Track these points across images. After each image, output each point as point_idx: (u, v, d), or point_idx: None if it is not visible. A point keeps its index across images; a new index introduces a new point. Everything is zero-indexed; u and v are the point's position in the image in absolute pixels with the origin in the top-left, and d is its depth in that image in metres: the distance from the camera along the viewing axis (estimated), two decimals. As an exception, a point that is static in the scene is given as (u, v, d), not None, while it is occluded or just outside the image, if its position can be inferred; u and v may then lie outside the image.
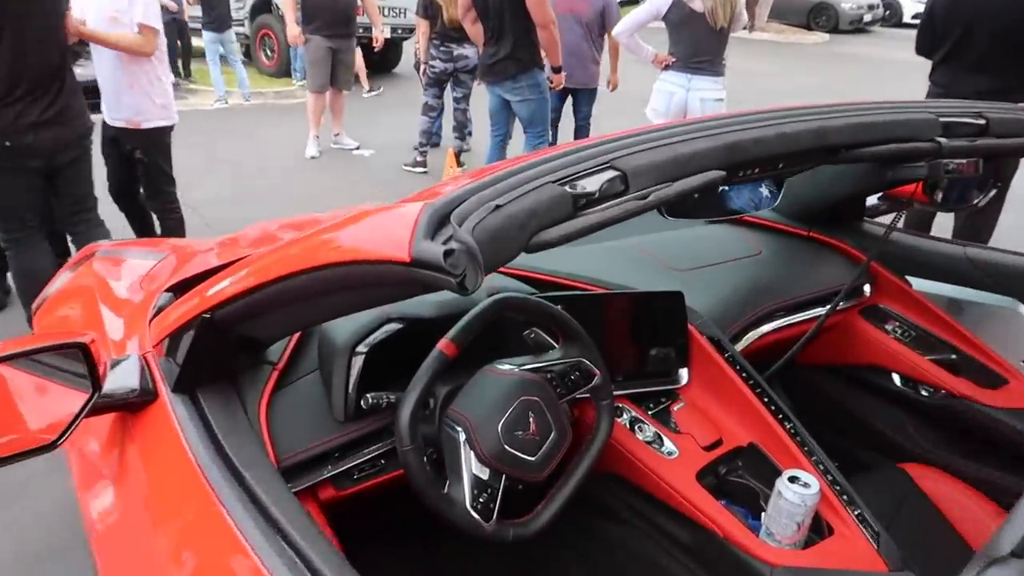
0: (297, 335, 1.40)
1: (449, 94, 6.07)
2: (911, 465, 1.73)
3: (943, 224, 3.92)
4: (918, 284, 1.90)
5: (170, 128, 3.69)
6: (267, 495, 1.01)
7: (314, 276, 0.94)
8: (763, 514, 1.36)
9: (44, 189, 3.06)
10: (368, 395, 1.27)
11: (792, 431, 1.45)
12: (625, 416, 1.54)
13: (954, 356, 1.84)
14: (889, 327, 1.94)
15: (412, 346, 1.31)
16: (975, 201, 1.96)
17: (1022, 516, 0.70)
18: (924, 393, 1.87)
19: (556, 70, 4.49)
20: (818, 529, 1.32)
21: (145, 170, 3.72)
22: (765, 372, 1.69)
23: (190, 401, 1.18)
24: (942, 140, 1.24)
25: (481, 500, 1.21)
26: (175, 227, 3.85)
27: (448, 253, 0.75)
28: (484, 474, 1.23)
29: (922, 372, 1.86)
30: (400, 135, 7.04)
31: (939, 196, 1.88)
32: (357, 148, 6.91)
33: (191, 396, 1.19)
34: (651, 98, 4.44)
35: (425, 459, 1.22)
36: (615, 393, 1.48)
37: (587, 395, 1.39)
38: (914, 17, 15.87)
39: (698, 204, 1.34)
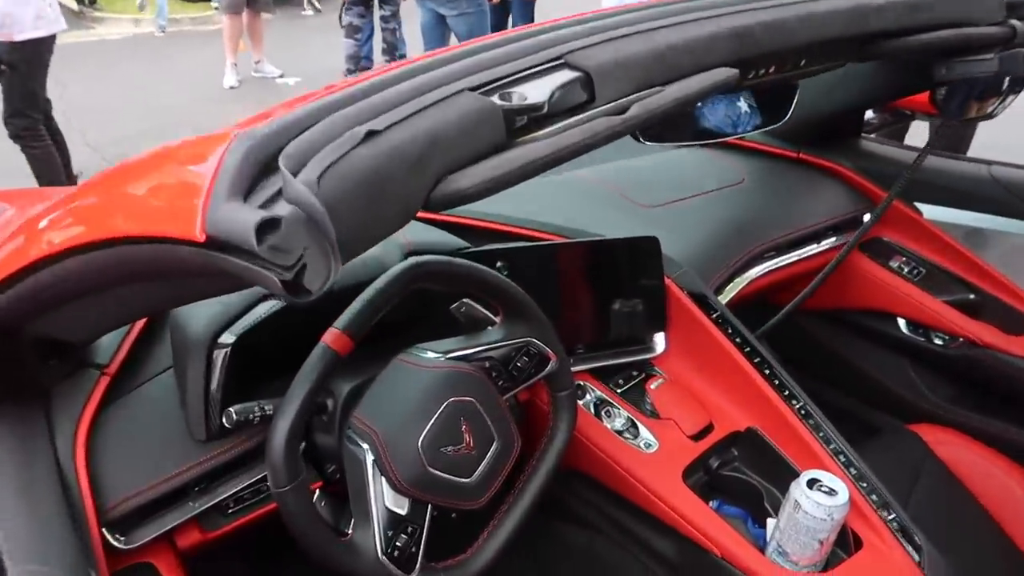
0: (140, 323, 1.02)
1: (377, 13, 5.49)
2: (924, 427, 1.45)
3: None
4: (931, 212, 1.58)
5: (49, 40, 3.16)
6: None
7: (78, 260, 0.56)
8: (770, 522, 1.06)
9: None
10: (232, 409, 0.90)
11: (802, 412, 1.14)
12: (589, 397, 1.21)
13: (973, 296, 1.54)
14: (895, 264, 1.63)
15: (301, 331, 0.94)
16: (991, 110, 1.64)
17: None
18: (938, 341, 1.57)
19: None
20: (843, 541, 1.03)
21: (8, 83, 3.20)
22: (757, 330, 1.38)
23: None
24: (1016, 23, 0.90)
25: (398, 544, 0.88)
26: (40, 161, 3.35)
27: (267, 226, 0.40)
28: (402, 508, 0.89)
29: (935, 316, 1.56)
30: (332, 61, 6.45)
31: (952, 105, 1.56)
32: (281, 76, 6.30)
33: None
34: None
35: (318, 493, 0.88)
36: (575, 369, 1.15)
37: (541, 385, 1.04)
38: None
39: (669, 124, 0.99)
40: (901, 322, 1.64)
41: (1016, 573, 1.25)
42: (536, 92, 0.55)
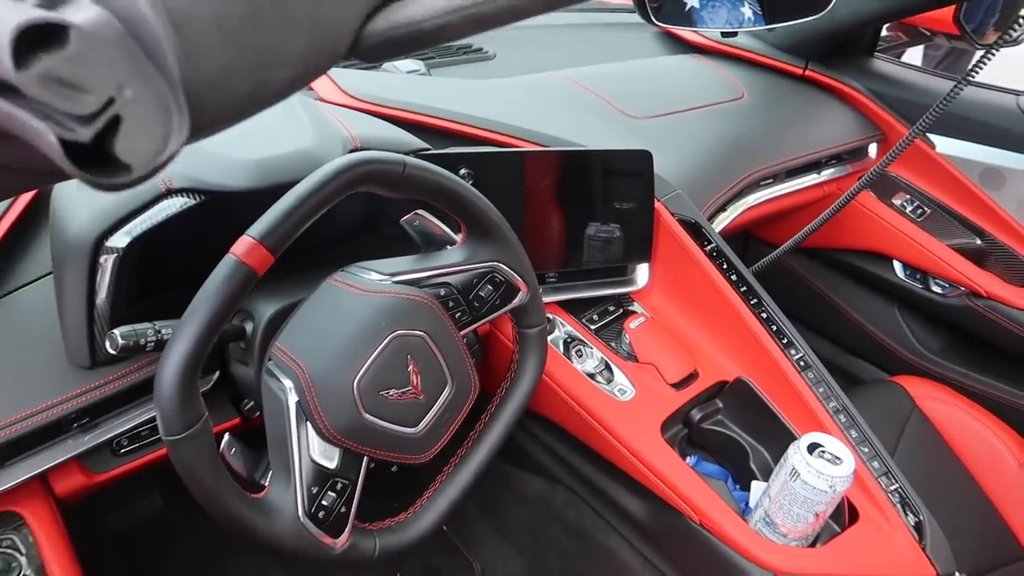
0: (13, 216, 0.82)
1: None
2: (910, 379, 1.34)
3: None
4: (944, 145, 1.43)
5: None
6: None
7: None
8: (756, 486, 0.94)
9: None
10: (117, 331, 0.72)
11: (801, 363, 1.00)
12: (558, 333, 1.05)
13: (980, 242, 1.41)
14: (898, 201, 1.48)
15: (214, 238, 0.75)
16: (1018, 35, 1.48)
17: None
18: (936, 288, 1.45)
19: None
20: (837, 514, 0.90)
21: None
22: (751, 265, 1.23)
23: None
24: None
25: (325, 503, 0.72)
26: None
27: (42, 35, 0.20)
28: (330, 460, 0.72)
29: (935, 261, 1.43)
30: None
31: (977, 27, 1.40)
32: None
33: None
34: None
35: (229, 437, 0.71)
36: (545, 300, 0.98)
37: (506, 318, 0.88)
38: None
39: (675, 8, 0.80)
40: (897, 265, 1.51)
41: (993, 535, 1.16)
42: None
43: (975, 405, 1.29)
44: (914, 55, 3.37)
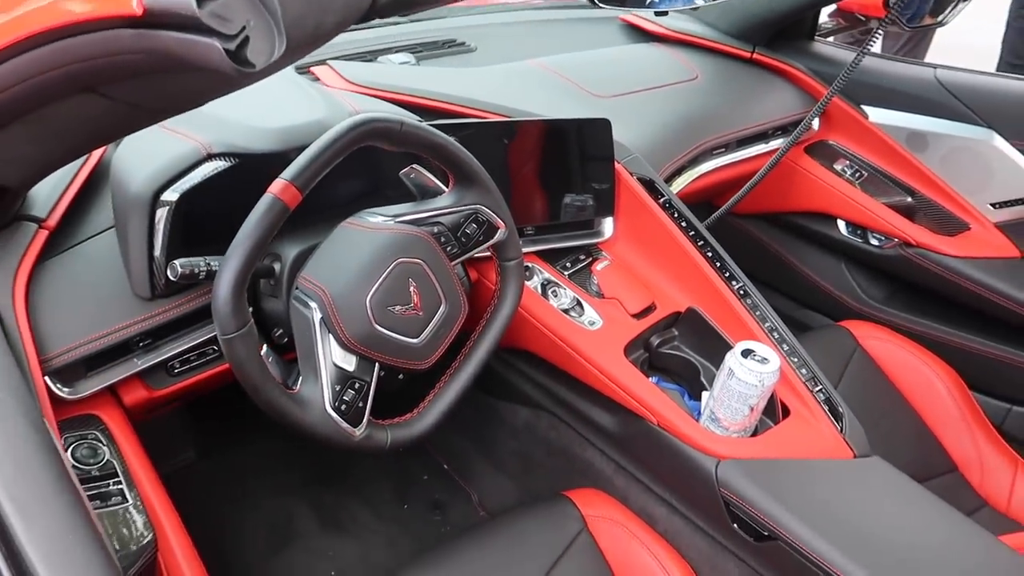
0: (81, 180, 0.99)
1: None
2: (854, 323, 1.52)
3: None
4: (876, 115, 1.62)
5: None
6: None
7: (13, 67, 0.54)
8: (705, 394, 1.11)
9: None
10: (176, 262, 0.89)
11: (741, 291, 1.18)
12: (536, 279, 1.23)
13: (911, 199, 1.60)
14: (839, 166, 1.67)
15: (245, 193, 0.93)
16: (941, 18, 1.67)
17: None
18: (874, 242, 1.63)
19: None
20: (771, 411, 1.08)
21: None
22: (704, 220, 1.40)
23: None
24: None
25: (346, 399, 0.89)
26: None
27: None
28: (349, 364, 0.90)
29: (873, 218, 1.61)
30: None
31: (902, 11, 1.58)
32: None
33: None
34: None
35: (267, 349, 0.88)
36: (524, 250, 1.16)
37: (487, 253, 1.05)
38: None
39: None
40: (841, 223, 1.69)
41: (927, 451, 1.33)
42: None
43: (912, 342, 1.47)
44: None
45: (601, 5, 0.88)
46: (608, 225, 1.29)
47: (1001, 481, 1.31)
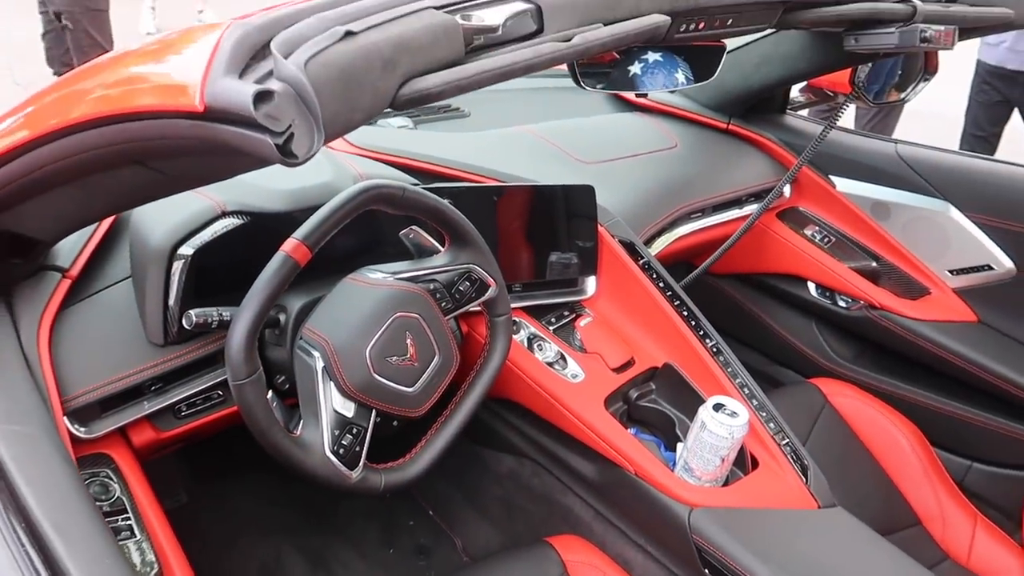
0: (101, 233, 1.07)
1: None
2: (823, 380, 1.60)
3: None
4: (842, 184, 1.72)
5: None
6: (18, 466, 0.70)
7: (75, 141, 0.62)
8: (679, 445, 1.18)
9: None
10: (192, 311, 0.96)
11: (714, 349, 1.26)
12: (523, 333, 1.30)
13: (875, 264, 1.70)
14: (808, 231, 1.77)
15: (255, 249, 1.00)
16: (903, 95, 1.79)
17: None
18: (842, 303, 1.73)
19: None
20: (742, 463, 1.15)
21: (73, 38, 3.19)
22: (681, 281, 1.49)
23: None
24: (916, 1, 1.02)
25: (344, 443, 0.95)
26: None
27: (262, 96, 0.47)
28: (348, 411, 0.96)
29: (841, 281, 1.71)
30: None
31: (867, 88, 1.70)
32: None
33: None
34: None
35: (271, 394, 0.95)
36: (512, 306, 1.24)
37: (479, 309, 1.13)
38: None
39: (615, 73, 1.07)
40: (811, 285, 1.79)
41: (891, 505, 1.40)
42: (493, 17, 0.63)
43: (878, 400, 1.55)
44: (848, 119, 3.77)
45: (586, 87, 0.98)
46: (591, 283, 1.38)
47: (962, 535, 1.37)
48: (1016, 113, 3.10)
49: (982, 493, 1.57)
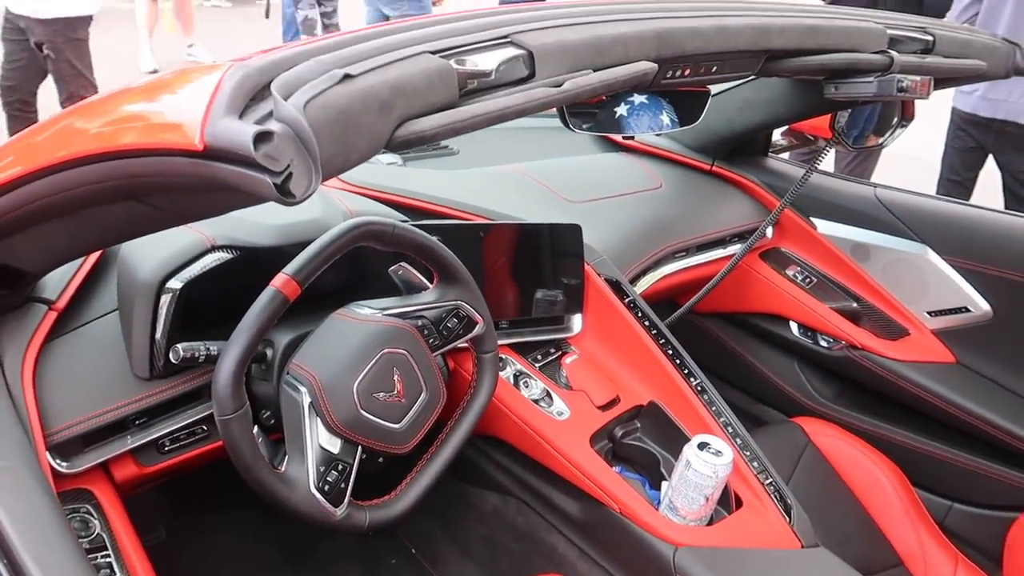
0: (88, 266, 1.07)
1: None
2: (805, 419, 1.62)
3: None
4: (823, 227, 1.76)
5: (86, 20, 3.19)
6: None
7: (72, 176, 0.62)
8: (664, 484, 1.18)
9: None
10: (179, 346, 0.96)
11: (698, 388, 1.27)
12: (509, 370, 1.31)
13: (856, 305, 1.73)
14: (790, 272, 1.80)
15: (244, 283, 1.01)
16: (881, 140, 1.84)
17: None
18: (823, 343, 1.75)
19: None
20: (726, 502, 1.16)
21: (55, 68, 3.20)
22: (665, 319, 1.51)
23: None
24: (893, 53, 1.06)
25: (330, 479, 0.95)
26: None
27: (262, 137, 0.48)
28: (334, 447, 0.96)
29: (822, 321, 1.74)
30: (255, 47, 6.40)
31: (847, 133, 1.74)
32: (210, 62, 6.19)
33: None
34: None
35: (256, 429, 0.94)
36: (499, 343, 1.25)
37: (466, 345, 1.14)
38: None
39: (602, 115, 1.10)
40: (793, 325, 1.81)
41: (873, 545, 1.41)
42: (486, 62, 0.65)
43: (859, 440, 1.56)
44: (828, 162, 3.87)
45: (573, 129, 1.00)
46: (577, 321, 1.39)
47: (943, 575, 1.38)
48: (991, 158, 3.17)
49: (963, 534, 1.58)
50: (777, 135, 1.96)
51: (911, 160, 4.32)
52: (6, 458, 0.74)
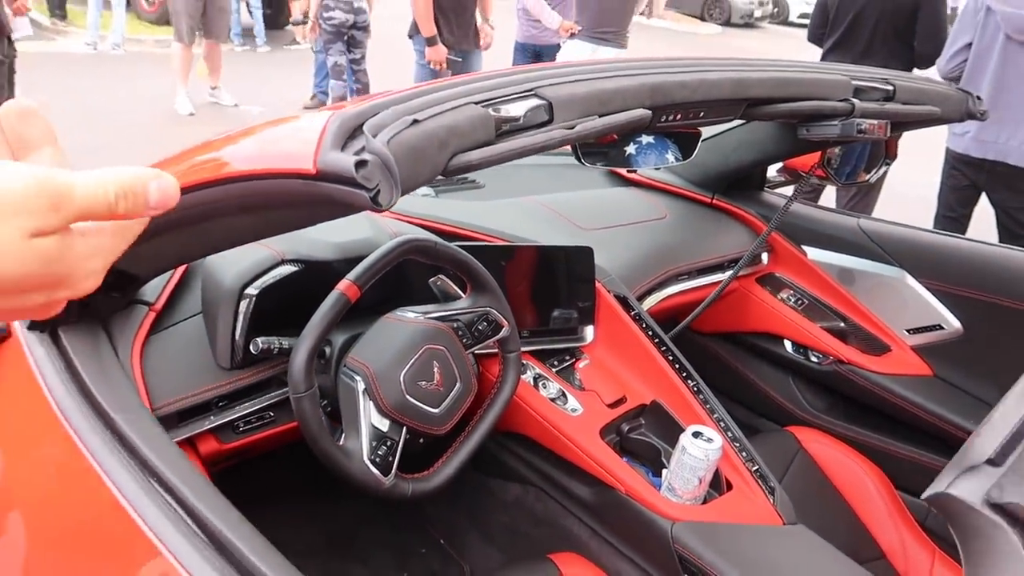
0: (178, 275, 1.27)
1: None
2: (798, 428, 1.78)
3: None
4: (813, 253, 1.94)
5: None
6: (140, 439, 0.89)
7: (202, 195, 0.83)
8: (664, 470, 1.36)
9: None
10: (258, 339, 1.16)
11: (695, 389, 1.45)
12: (529, 373, 1.49)
13: (843, 324, 1.90)
14: (784, 295, 1.98)
15: (307, 291, 1.21)
16: (868, 177, 2.03)
17: (996, 425, 0.69)
18: (814, 359, 1.92)
19: (429, 41, 4.18)
20: (717, 485, 1.33)
21: None
22: (668, 333, 1.69)
23: (49, 340, 1.04)
24: (855, 101, 1.25)
25: (380, 453, 1.14)
26: None
27: (360, 164, 0.67)
28: (384, 426, 1.15)
29: (813, 339, 1.91)
30: (290, 94, 6.75)
31: (836, 170, 1.93)
32: (235, 105, 6.49)
33: (51, 335, 1.05)
34: None
35: (320, 411, 1.13)
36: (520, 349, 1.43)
37: (494, 347, 1.33)
38: (800, 16, 16.54)
39: (612, 152, 1.30)
40: (787, 343, 1.99)
41: (858, 540, 1.56)
42: (515, 110, 0.84)
43: (846, 446, 1.72)
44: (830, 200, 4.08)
45: (586, 164, 1.20)
46: (589, 332, 1.58)
47: (921, 567, 1.53)
48: (984, 196, 3.36)
49: (940, 532, 1.73)
50: (773, 171, 2.15)
51: (916, 199, 4.51)
52: (135, 414, 0.94)
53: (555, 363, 1.53)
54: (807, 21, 4.11)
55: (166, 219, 0.90)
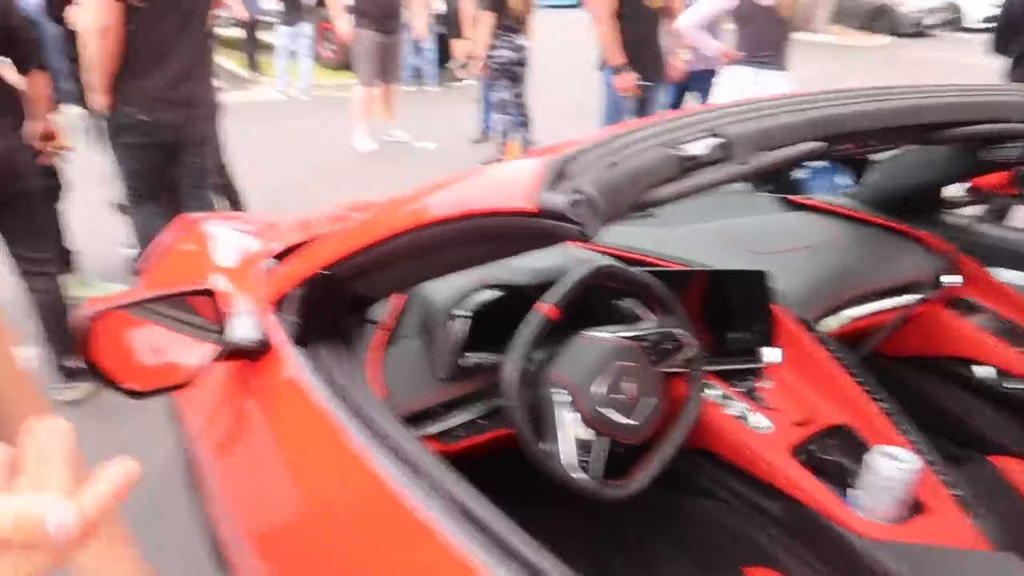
0: (403, 298, 1.45)
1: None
2: (999, 457, 1.70)
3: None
4: (1004, 275, 1.87)
5: None
6: (400, 438, 1.05)
7: (437, 231, 0.97)
8: (856, 490, 1.36)
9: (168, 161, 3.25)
10: (469, 355, 1.31)
11: (887, 410, 1.45)
12: (712, 392, 1.55)
13: (1043, 348, 1.81)
14: (976, 319, 1.91)
15: (505, 312, 1.35)
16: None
17: None
18: (1015, 386, 1.83)
19: (615, 70, 4.56)
20: (912, 506, 1.32)
21: None
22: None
23: (309, 354, 1.23)
24: None
25: (584, 459, 1.25)
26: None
27: (574, 203, 0.78)
28: (584, 433, 1.26)
29: (1012, 365, 1.83)
30: (458, 126, 7.26)
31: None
32: (409, 142, 7.00)
33: (310, 349, 1.24)
34: (714, 92, 4.43)
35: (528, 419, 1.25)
36: (706, 369, 1.49)
37: (680, 365, 1.40)
38: (984, 21, 15.09)
39: (786, 180, 1.35)
40: (983, 368, 1.90)
41: None
42: (696, 149, 0.91)
43: None
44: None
45: (759, 190, 1.26)
46: (771, 353, 1.61)
47: None
48: None
49: None
50: (960, 191, 2.09)
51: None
52: (384, 415, 1.11)
53: (736, 383, 1.58)
54: (988, 26, 3.86)
55: (407, 249, 1.07)
